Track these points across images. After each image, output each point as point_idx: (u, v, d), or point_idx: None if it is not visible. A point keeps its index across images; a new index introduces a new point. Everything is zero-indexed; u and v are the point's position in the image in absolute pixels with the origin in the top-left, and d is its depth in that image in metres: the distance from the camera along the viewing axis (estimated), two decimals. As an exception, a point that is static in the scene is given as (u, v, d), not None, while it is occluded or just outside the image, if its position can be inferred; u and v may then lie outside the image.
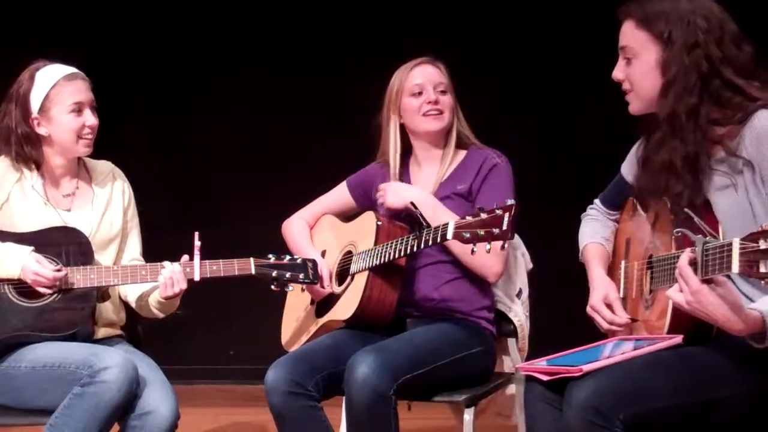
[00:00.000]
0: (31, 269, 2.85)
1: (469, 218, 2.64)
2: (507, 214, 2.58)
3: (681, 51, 2.37)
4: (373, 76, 3.20)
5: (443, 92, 3.10)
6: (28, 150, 2.99)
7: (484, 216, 2.61)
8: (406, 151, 3.18)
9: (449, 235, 2.67)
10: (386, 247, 2.91)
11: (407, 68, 3.12)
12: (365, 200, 3.23)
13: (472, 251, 2.66)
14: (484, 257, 2.84)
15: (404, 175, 3.16)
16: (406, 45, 3.14)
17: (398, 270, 2.97)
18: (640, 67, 2.45)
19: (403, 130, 3.15)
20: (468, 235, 2.63)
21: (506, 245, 2.69)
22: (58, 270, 2.86)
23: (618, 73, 2.51)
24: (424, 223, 2.78)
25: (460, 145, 3.13)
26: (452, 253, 2.97)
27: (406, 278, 2.99)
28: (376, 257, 2.93)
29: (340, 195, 3.28)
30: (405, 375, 2.76)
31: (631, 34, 2.45)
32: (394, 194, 3.03)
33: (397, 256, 2.88)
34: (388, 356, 2.75)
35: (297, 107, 5.14)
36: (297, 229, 3.29)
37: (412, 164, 3.18)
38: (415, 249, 2.79)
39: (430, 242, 2.75)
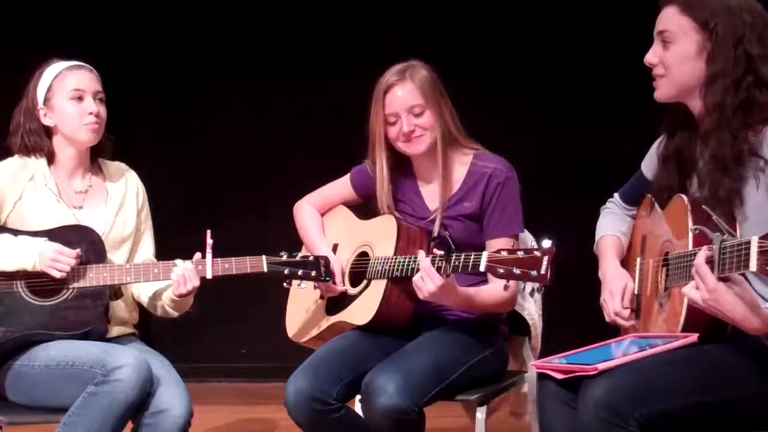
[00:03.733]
0: (51, 248, 2.85)
1: (504, 253, 2.58)
2: (546, 258, 2.52)
3: (727, 44, 2.37)
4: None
5: (419, 114, 2.98)
6: (35, 140, 3.02)
7: (521, 255, 2.55)
8: (405, 161, 3.12)
9: (482, 267, 2.62)
10: (409, 261, 2.87)
11: (380, 93, 3.01)
12: (368, 197, 3.18)
13: (506, 287, 2.64)
14: (496, 295, 2.88)
15: (409, 190, 3.11)
16: (408, 42, 3.12)
17: None
18: (678, 53, 2.44)
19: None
20: (502, 271, 2.57)
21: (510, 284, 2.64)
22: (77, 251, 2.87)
23: (652, 57, 2.49)
24: (453, 247, 2.72)
25: (457, 144, 3.05)
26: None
27: None
28: (398, 269, 2.89)
29: (346, 189, 3.24)
30: (426, 396, 2.76)
31: (672, 19, 2.44)
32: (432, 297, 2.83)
33: None
34: (408, 378, 2.73)
35: (308, 105, 5.14)
36: (309, 217, 3.25)
37: (418, 178, 3.11)
38: (441, 271, 2.72)
39: (460, 269, 2.69)
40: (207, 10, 5.33)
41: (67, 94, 3.00)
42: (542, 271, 2.52)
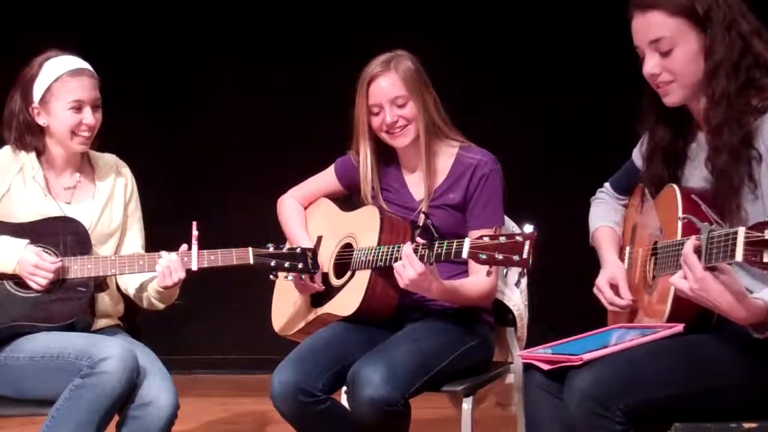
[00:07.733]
0: (30, 262, 2.84)
1: (486, 239, 2.58)
2: (528, 242, 2.52)
3: (721, 30, 2.32)
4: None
5: (402, 105, 2.97)
6: (28, 138, 3.00)
7: (503, 240, 2.56)
8: (390, 151, 3.12)
9: (464, 254, 2.62)
10: (393, 251, 2.86)
11: (364, 83, 3.00)
12: (353, 187, 3.18)
13: (488, 273, 2.63)
14: (478, 286, 2.90)
15: (394, 179, 3.11)
16: (404, 37, 3.11)
17: None
18: (682, 56, 2.36)
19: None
20: (484, 257, 2.57)
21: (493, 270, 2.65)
22: (56, 262, 2.85)
23: (653, 68, 2.39)
24: (436, 235, 2.72)
25: (442, 135, 3.05)
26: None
27: None
28: (381, 259, 2.89)
29: (330, 180, 3.24)
30: (412, 387, 2.76)
31: (665, 24, 2.35)
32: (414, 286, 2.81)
33: None
34: (394, 369, 2.73)
35: (296, 97, 5.14)
36: (292, 211, 3.25)
37: (403, 167, 3.12)
38: (425, 260, 2.72)
39: (443, 257, 2.69)
40: (191, 4, 5.31)
41: (67, 104, 2.95)
42: (524, 256, 2.53)
